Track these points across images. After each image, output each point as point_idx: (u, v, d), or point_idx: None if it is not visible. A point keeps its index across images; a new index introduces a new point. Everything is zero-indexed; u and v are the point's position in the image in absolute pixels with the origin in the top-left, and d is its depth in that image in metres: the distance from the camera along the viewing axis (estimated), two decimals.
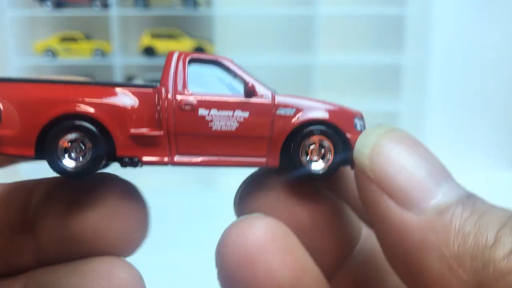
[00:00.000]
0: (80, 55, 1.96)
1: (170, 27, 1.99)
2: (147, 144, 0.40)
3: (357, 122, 0.42)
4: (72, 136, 0.39)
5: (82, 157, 0.39)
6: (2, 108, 0.38)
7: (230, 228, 0.35)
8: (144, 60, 1.98)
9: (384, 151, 0.32)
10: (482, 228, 0.28)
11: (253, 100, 0.40)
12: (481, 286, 0.26)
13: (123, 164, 0.40)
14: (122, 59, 1.94)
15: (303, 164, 0.40)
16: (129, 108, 0.39)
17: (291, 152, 0.40)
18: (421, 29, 1.89)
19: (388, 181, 0.31)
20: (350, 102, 1.82)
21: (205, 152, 0.40)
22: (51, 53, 1.95)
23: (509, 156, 1.99)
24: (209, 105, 0.40)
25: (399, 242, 0.29)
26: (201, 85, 0.41)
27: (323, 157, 0.40)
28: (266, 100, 0.41)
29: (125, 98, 0.40)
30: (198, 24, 2.02)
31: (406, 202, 0.30)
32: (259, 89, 0.41)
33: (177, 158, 0.40)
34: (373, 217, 0.32)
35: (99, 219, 0.38)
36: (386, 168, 0.31)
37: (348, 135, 0.40)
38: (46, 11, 1.93)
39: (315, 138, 0.40)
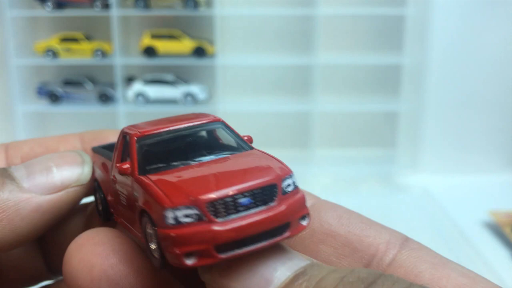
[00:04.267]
0: (80, 55, 1.96)
1: (170, 28, 2.00)
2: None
3: (169, 215, 0.35)
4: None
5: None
6: None
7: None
8: (144, 61, 1.98)
9: (220, 270, 0.35)
10: None
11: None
12: None
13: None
14: (123, 59, 1.94)
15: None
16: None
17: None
18: (421, 29, 1.89)
19: (232, 284, 0.33)
20: (350, 102, 1.82)
21: (123, 218, 0.46)
22: (52, 53, 1.96)
23: (509, 157, 2.00)
24: (116, 180, 0.45)
25: None
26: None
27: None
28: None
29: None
30: (198, 24, 2.03)
31: None
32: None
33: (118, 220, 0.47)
34: None
35: None
36: (226, 285, 0.34)
37: (158, 228, 0.36)
38: (47, 12, 1.93)
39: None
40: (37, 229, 0.43)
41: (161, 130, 0.43)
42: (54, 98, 2.00)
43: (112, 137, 0.55)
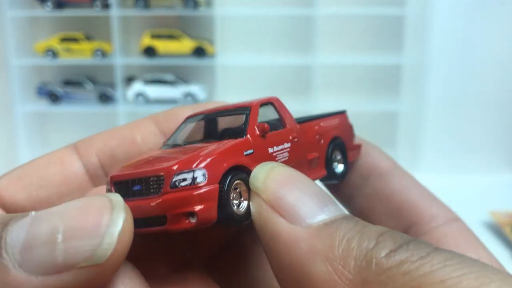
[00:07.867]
0: (80, 55, 1.96)
1: (170, 28, 2.00)
2: None
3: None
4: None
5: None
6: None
7: None
8: (144, 61, 1.98)
9: (276, 177, 0.37)
10: (364, 235, 0.31)
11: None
12: (364, 282, 0.29)
13: None
14: (123, 59, 1.94)
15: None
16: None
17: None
18: (421, 29, 1.89)
19: (279, 201, 0.35)
20: (350, 102, 1.82)
21: None
22: (52, 53, 1.96)
23: (509, 157, 2.00)
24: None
25: (288, 253, 0.32)
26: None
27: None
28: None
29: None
30: (198, 24, 2.03)
31: (295, 218, 0.33)
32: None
33: None
34: (264, 236, 0.35)
35: None
36: (277, 190, 0.36)
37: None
38: (47, 11, 1.93)
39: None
40: None
41: (203, 112, 0.48)
42: (54, 98, 2.00)
43: (185, 114, 0.51)
